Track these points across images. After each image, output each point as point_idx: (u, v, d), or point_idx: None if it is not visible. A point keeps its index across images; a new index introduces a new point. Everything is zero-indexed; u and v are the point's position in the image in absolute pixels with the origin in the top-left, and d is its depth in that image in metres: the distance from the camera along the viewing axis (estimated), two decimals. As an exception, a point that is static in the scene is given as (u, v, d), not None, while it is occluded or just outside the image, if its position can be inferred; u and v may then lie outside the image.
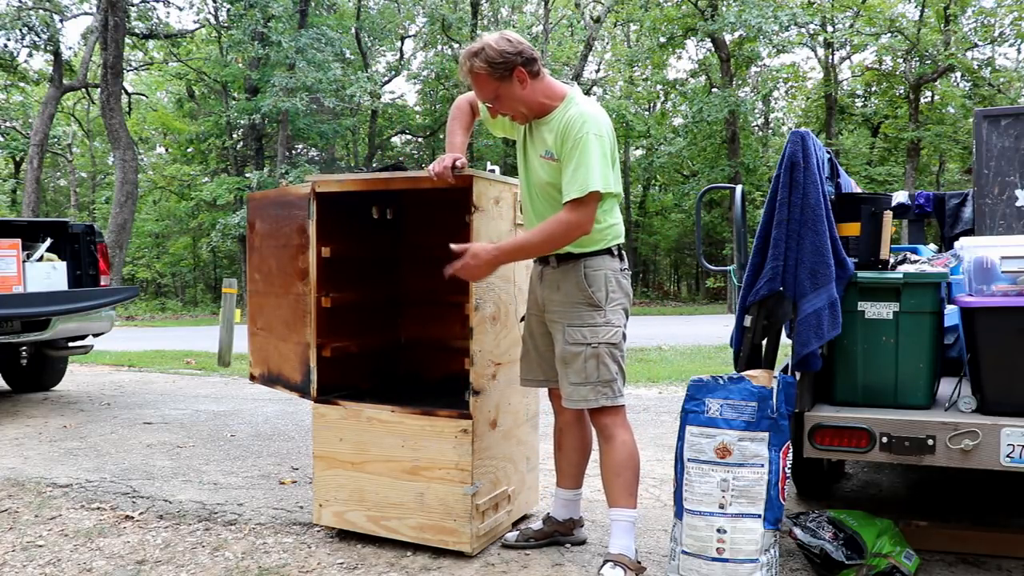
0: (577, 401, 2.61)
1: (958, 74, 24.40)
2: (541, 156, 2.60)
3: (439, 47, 28.22)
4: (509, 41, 2.49)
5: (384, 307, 3.58)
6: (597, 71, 31.19)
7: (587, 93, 29.33)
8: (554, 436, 2.96)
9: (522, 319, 2.90)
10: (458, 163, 2.63)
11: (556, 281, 2.65)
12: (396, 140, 31.76)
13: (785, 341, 2.73)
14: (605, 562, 2.57)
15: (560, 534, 2.94)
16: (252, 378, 3.58)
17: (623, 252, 2.70)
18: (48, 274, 5.62)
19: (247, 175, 22.82)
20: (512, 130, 2.80)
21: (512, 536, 2.93)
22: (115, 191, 16.10)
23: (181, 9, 31.18)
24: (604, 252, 2.61)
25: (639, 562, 2.62)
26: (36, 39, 18.25)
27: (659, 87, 28.08)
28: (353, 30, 25.56)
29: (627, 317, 2.69)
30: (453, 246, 2.54)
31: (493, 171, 3.01)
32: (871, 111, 27.08)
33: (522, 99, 2.54)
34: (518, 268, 3.02)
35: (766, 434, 2.37)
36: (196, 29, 24.80)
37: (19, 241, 5.48)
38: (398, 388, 3.39)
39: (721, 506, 2.37)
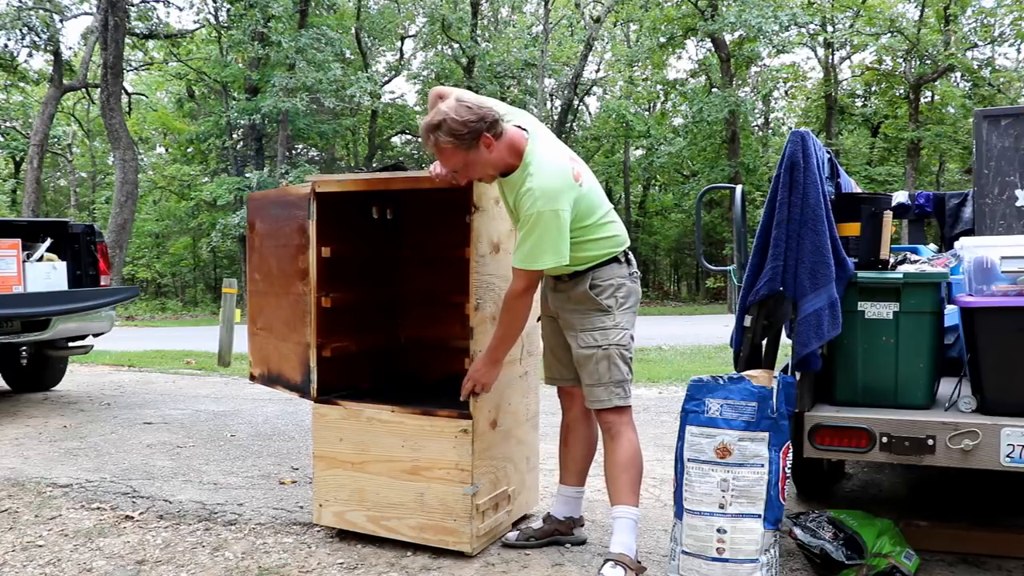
0: (592, 402, 2.67)
1: (958, 74, 24.41)
2: (512, 210, 2.64)
3: (439, 47, 28.22)
4: (469, 108, 2.43)
5: (384, 307, 3.58)
6: (597, 71, 31.18)
7: (587, 93, 29.28)
8: (561, 432, 2.97)
9: (539, 319, 2.94)
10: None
11: (567, 291, 2.70)
12: (396, 140, 31.77)
13: (785, 341, 2.73)
14: (606, 561, 2.57)
15: (560, 533, 2.94)
16: (252, 378, 3.58)
17: (631, 257, 2.73)
18: (48, 274, 5.61)
19: (247, 175, 22.82)
20: None
21: (513, 536, 2.93)
22: (115, 191, 16.09)
23: (181, 9, 31.12)
24: (611, 261, 2.65)
25: (639, 562, 2.62)
26: (36, 39, 18.25)
27: (659, 87, 28.10)
28: (353, 30, 25.57)
29: (635, 317, 2.73)
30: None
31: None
32: (871, 111, 27.09)
33: (490, 162, 2.52)
34: (518, 268, 3.02)
35: (766, 434, 2.37)
36: (196, 29, 24.80)
37: (19, 241, 5.48)
38: (398, 388, 3.39)
39: (721, 506, 2.37)
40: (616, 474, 2.65)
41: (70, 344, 6.18)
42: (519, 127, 2.57)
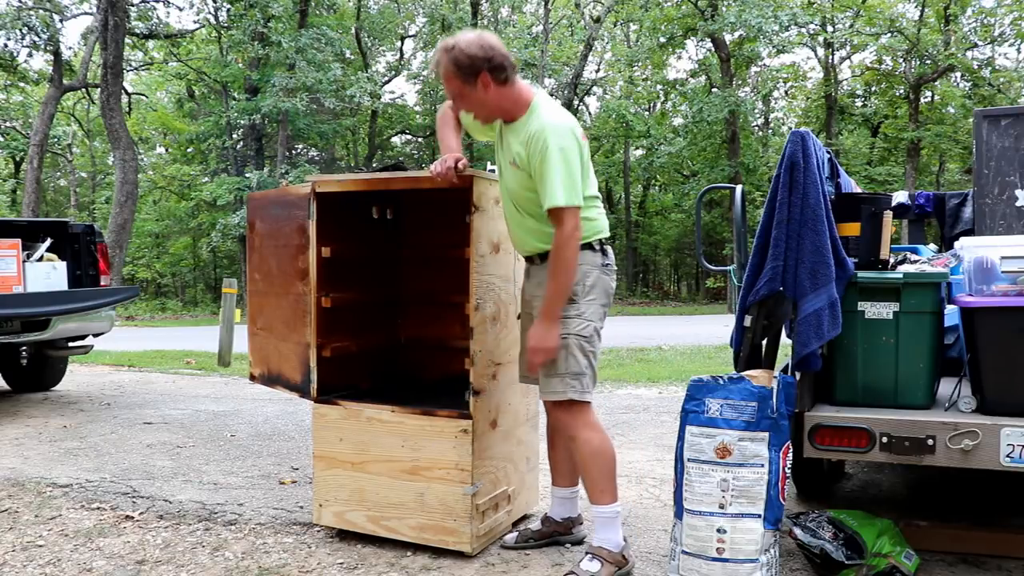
0: (547, 393, 2.61)
1: (958, 74, 24.41)
2: (511, 163, 2.62)
3: (439, 47, 28.18)
4: (481, 45, 2.46)
5: (384, 307, 3.58)
6: (597, 71, 31.18)
7: (587, 93, 29.33)
8: (547, 434, 2.95)
9: (518, 317, 2.91)
10: (460, 164, 2.64)
11: (539, 277, 2.66)
12: (396, 140, 31.77)
13: (785, 341, 2.73)
14: (585, 554, 2.60)
15: (559, 534, 2.94)
16: (252, 378, 3.58)
17: (606, 247, 2.67)
18: (48, 274, 5.62)
19: (247, 175, 22.82)
20: (488, 134, 2.84)
21: (511, 537, 2.93)
22: (115, 191, 16.09)
23: (181, 9, 31.12)
24: (584, 248, 2.58)
25: (623, 555, 2.62)
26: (36, 39, 18.24)
27: (659, 87, 28.10)
28: (353, 30, 25.57)
29: (604, 316, 2.66)
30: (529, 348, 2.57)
31: (493, 171, 3.01)
32: (871, 111, 27.09)
33: (483, 103, 2.55)
34: (518, 268, 3.02)
35: (766, 434, 2.37)
36: (196, 29, 24.79)
37: (19, 241, 5.48)
38: (398, 388, 3.39)
39: (721, 506, 2.37)
40: (582, 476, 2.66)
41: (70, 344, 6.18)
42: (528, 88, 2.61)
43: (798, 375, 2.61)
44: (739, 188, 3.48)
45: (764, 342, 2.68)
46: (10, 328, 5.39)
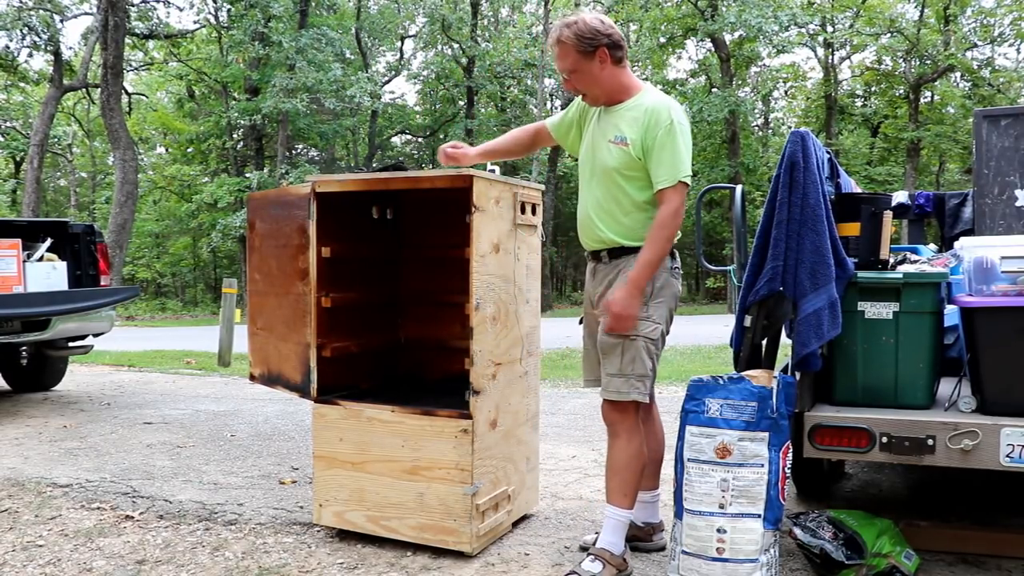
0: (610, 392, 2.61)
1: (958, 74, 24.43)
2: (610, 141, 2.61)
3: (439, 47, 28.23)
4: (602, 22, 2.58)
5: (384, 307, 3.58)
6: (597, 71, 31.13)
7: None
8: None
9: (580, 321, 2.90)
10: (448, 149, 2.91)
11: (606, 276, 2.68)
12: (396, 140, 31.78)
13: (785, 341, 2.73)
14: (588, 555, 2.60)
15: (639, 539, 2.87)
16: (252, 378, 3.58)
17: (674, 251, 2.69)
18: (48, 274, 5.61)
19: (247, 175, 22.83)
20: (578, 144, 2.84)
21: (590, 538, 2.83)
22: (115, 191, 16.09)
23: (181, 9, 31.17)
24: None
25: (624, 559, 2.62)
26: (36, 39, 18.26)
27: (659, 87, 28.07)
28: (353, 30, 25.57)
29: (671, 319, 2.68)
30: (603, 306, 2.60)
31: (493, 171, 3.02)
32: (871, 111, 27.11)
33: (597, 79, 2.60)
34: (518, 268, 3.02)
35: (766, 434, 2.37)
36: (196, 29, 24.81)
37: (19, 241, 5.48)
38: (398, 388, 3.39)
39: (721, 506, 2.37)
40: (610, 475, 2.65)
41: (70, 344, 6.18)
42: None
43: (798, 375, 2.61)
44: (739, 188, 3.48)
45: (764, 342, 2.68)
46: (10, 328, 5.39)
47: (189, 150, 28.88)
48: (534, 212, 3.14)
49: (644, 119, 2.54)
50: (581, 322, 2.89)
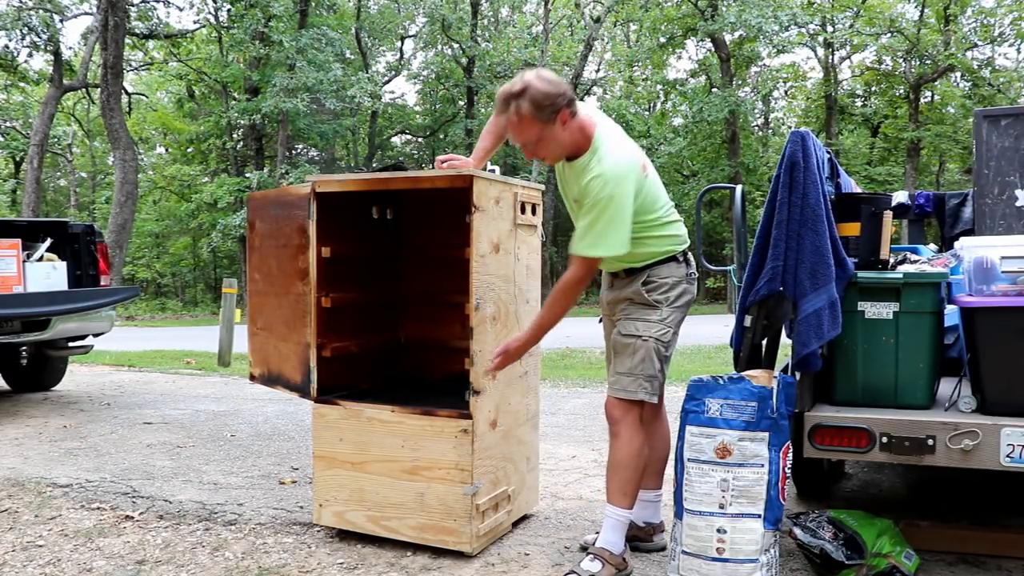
0: (617, 390, 2.63)
1: (958, 74, 24.42)
2: (574, 201, 2.61)
3: (439, 47, 28.23)
4: (551, 82, 2.44)
5: (384, 307, 3.58)
6: (597, 71, 31.19)
7: (587, 93, 29.31)
8: None
9: (599, 320, 2.94)
10: (444, 164, 2.86)
11: (621, 288, 2.71)
12: (396, 140, 31.78)
13: (785, 341, 2.73)
14: (587, 554, 2.60)
15: (639, 539, 2.88)
16: (252, 378, 3.58)
17: (690, 257, 2.72)
18: (48, 274, 5.61)
19: (247, 175, 22.83)
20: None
21: (590, 538, 2.83)
22: (115, 191, 16.09)
23: (181, 9, 31.16)
24: (669, 260, 2.65)
25: (624, 559, 2.63)
26: (36, 39, 18.26)
27: (659, 87, 28.10)
28: (353, 30, 25.57)
29: (683, 320, 2.70)
30: (497, 353, 2.67)
31: (493, 171, 3.02)
32: (871, 111, 27.10)
33: (561, 142, 2.51)
34: (518, 268, 3.02)
35: (766, 434, 2.37)
36: (196, 29, 24.80)
37: (19, 241, 5.48)
38: (398, 388, 3.39)
39: (721, 506, 2.37)
40: (610, 474, 2.66)
41: (70, 344, 6.18)
42: (588, 115, 2.59)
43: (798, 375, 2.61)
44: (739, 188, 3.48)
45: (764, 342, 2.68)
46: (10, 328, 5.39)
47: (189, 150, 28.87)
48: (534, 212, 3.14)
49: (584, 186, 2.49)
50: (600, 321, 2.95)
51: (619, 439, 2.64)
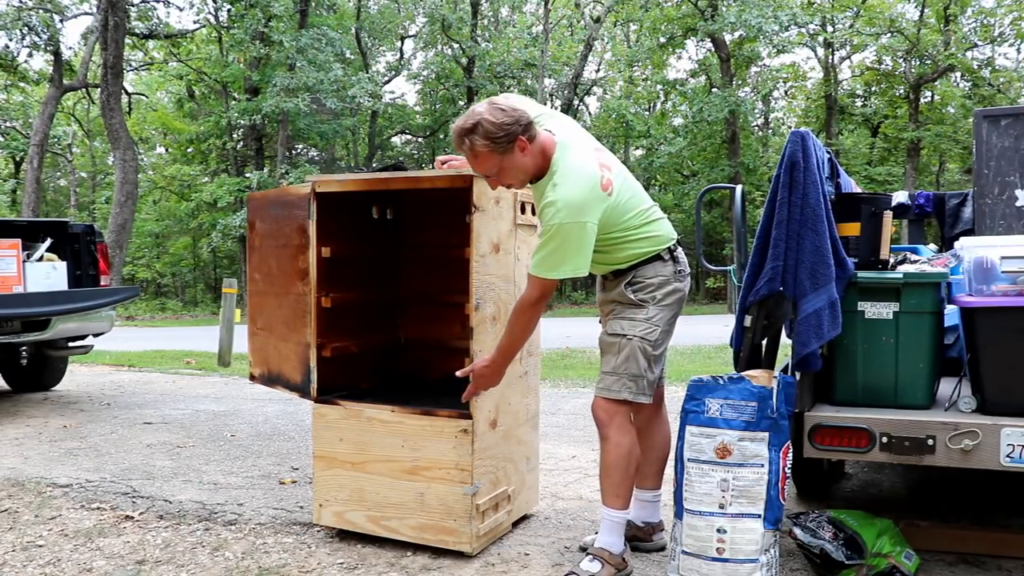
0: (602, 390, 2.62)
1: (958, 74, 24.43)
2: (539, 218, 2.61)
3: (439, 47, 28.23)
4: (503, 110, 2.40)
5: (384, 307, 3.58)
6: (597, 71, 31.19)
7: (587, 93, 29.28)
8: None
9: (600, 321, 2.93)
10: (444, 164, 2.85)
11: (611, 288, 2.71)
12: (396, 140, 31.78)
13: (785, 341, 2.73)
14: (587, 554, 2.60)
15: (639, 539, 2.88)
16: (252, 378, 3.58)
17: (676, 253, 2.68)
18: (48, 274, 5.62)
19: (247, 175, 22.83)
20: None
21: (589, 539, 2.83)
22: (115, 191, 16.09)
23: (181, 9, 31.13)
24: (654, 259, 2.63)
25: (624, 558, 2.63)
26: (36, 39, 18.25)
27: (659, 87, 28.09)
28: (353, 30, 25.57)
29: (673, 325, 2.68)
30: (459, 373, 2.67)
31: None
32: (871, 111, 27.10)
33: (523, 168, 2.49)
34: (518, 268, 3.02)
35: (766, 434, 2.37)
36: (196, 29, 24.80)
37: (19, 241, 5.48)
38: (398, 388, 3.39)
39: (721, 506, 2.37)
40: (601, 476, 2.66)
41: (70, 344, 6.18)
42: (548, 131, 2.54)
43: (798, 375, 2.61)
44: (739, 188, 3.48)
45: (764, 342, 2.68)
46: (10, 328, 5.39)
47: (189, 150, 28.87)
48: (534, 212, 3.13)
49: (540, 208, 2.48)
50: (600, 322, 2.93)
51: (608, 442, 2.62)
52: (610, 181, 2.52)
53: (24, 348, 6.41)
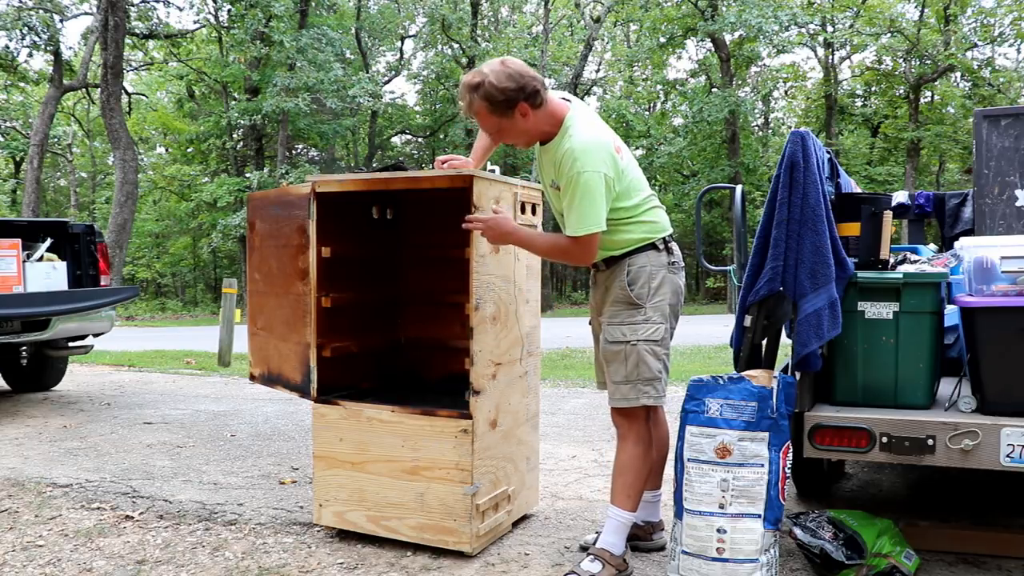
0: (618, 400, 2.61)
1: (958, 74, 24.44)
2: (550, 186, 2.61)
3: (439, 47, 28.24)
4: (510, 75, 2.40)
5: (384, 307, 3.58)
6: (597, 71, 31.20)
7: (587, 93, 29.32)
8: None
9: (589, 322, 2.92)
10: (444, 164, 2.84)
11: (604, 282, 2.69)
12: (396, 140, 31.79)
13: (785, 341, 2.73)
14: (587, 554, 2.60)
15: (639, 538, 2.88)
16: (252, 378, 3.58)
17: (670, 245, 2.67)
18: (48, 274, 5.62)
19: (247, 175, 22.83)
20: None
21: (591, 538, 2.83)
22: (115, 191, 16.09)
23: (181, 9, 31.13)
24: (647, 248, 2.60)
25: (624, 560, 2.62)
26: (36, 39, 18.24)
27: (659, 87, 28.12)
28: (353, 30, 25.58)
29: (676, 315, 2.67)
30: (468, 218, 2.63)
31: (493, 171, 3.01)
32: (871, 111, 27.11)
33: (524, 131, 2.52)
34: (518, 268, 3.02)
35: (766, 434, 2.37)
36: (196, 29, 24.80)
37: (19, 241, 5.48)
38: (398, 388, 3.39)
39: (721, 506, 2.37)
40: (614, 476, 2.66)
41: (70, 344, 6.18)
42: (565, 99, 2.57)
43: (798, 375, 2.61)
44: (739, 188, 3.48)
45: (764, 342, 2.68)
46: (10, 328, 5.39)
47: (189, 150, 28.88)
48: (534, 212, 3.14)
49: (558, 165, 2.49)
50: (590, 323, 2.92)
51: (626, 443, 2.63)
52: (620, 149, 2.55)
53: (24, 348, 6.41)
